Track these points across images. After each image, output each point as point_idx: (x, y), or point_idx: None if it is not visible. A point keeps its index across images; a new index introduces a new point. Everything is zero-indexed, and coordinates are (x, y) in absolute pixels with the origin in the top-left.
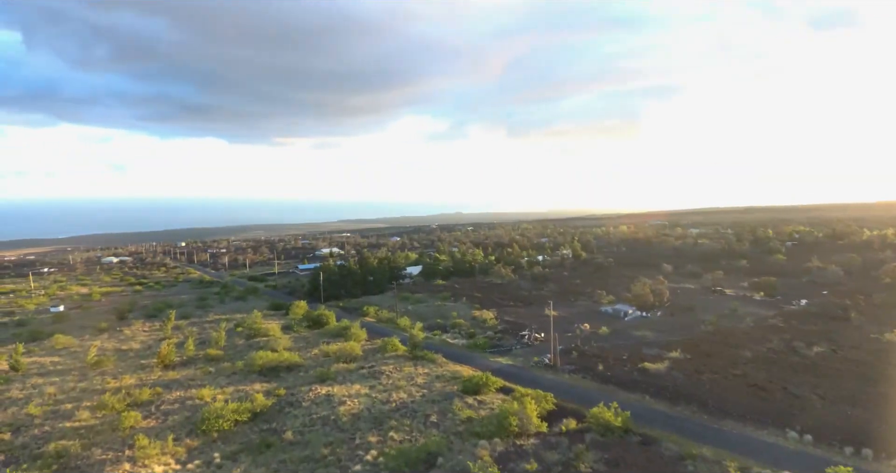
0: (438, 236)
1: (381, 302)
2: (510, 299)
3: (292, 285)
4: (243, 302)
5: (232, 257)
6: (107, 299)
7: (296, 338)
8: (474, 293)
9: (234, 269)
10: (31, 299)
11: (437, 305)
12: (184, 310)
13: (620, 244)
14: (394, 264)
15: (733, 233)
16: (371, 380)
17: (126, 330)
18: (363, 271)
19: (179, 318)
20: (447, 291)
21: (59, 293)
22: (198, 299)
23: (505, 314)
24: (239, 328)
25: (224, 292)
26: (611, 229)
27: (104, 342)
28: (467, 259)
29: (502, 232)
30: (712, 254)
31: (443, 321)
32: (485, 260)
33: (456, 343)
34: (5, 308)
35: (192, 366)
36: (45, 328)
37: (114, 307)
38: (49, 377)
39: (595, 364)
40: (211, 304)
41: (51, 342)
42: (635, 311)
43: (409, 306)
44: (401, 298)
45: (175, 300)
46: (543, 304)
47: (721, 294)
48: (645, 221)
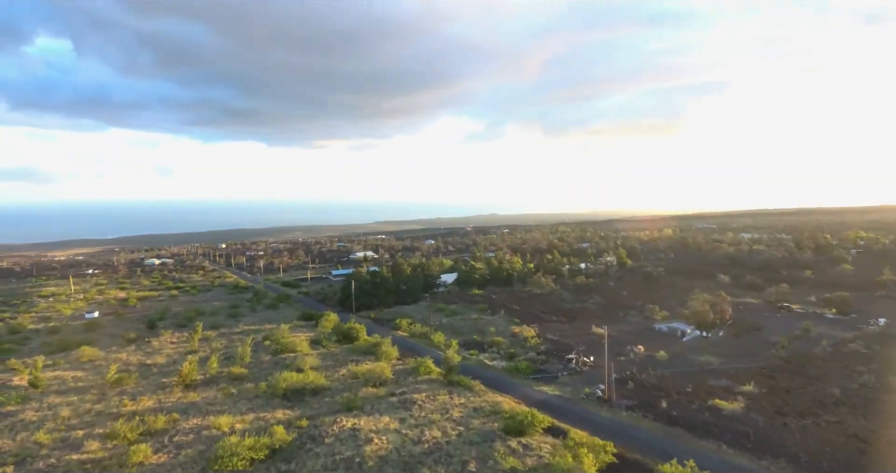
0: (473, 239)
1: (414, 313)
2: (552, 312)
3: (325, 293)
4: (274, 311)
5: (268, 260)
6: (142, 304)
7: (324, 355)
8: (513, 305)
9: (269, 273)
10: (68, 303)
11: (474, 318)
12: (214, 319)
13: (668, 250)
14: (427, 272)
15: (791, 239)
16: (402, 411)
17: (154, 341)
18: (396, 279)
19: (209, 328)
20: (484, 302)
21: (97, 298)
22: (230, 306)
23: (547, 330)
24: (267, 341)
25: (256, 299)
26: (655, 232)
27: (130, 354)
28: (505, 267)
29: (540, 236)
30: (772, 263)
31: (480, 338)
32: (523, 268)
33: (494, 366)
34: (43, 313)
35: (214, 386)
36: (76, 337)
37: (146, 314)
38: (67, 396)
39: (657, 399)
40: (242, 312)
41: (77, 354)
42: (693, 330)
43: (444, 318)
44: (435, 309)
45: (207, 308)
46: (589, 319)
47: (788, 311)
48: (691, 223)
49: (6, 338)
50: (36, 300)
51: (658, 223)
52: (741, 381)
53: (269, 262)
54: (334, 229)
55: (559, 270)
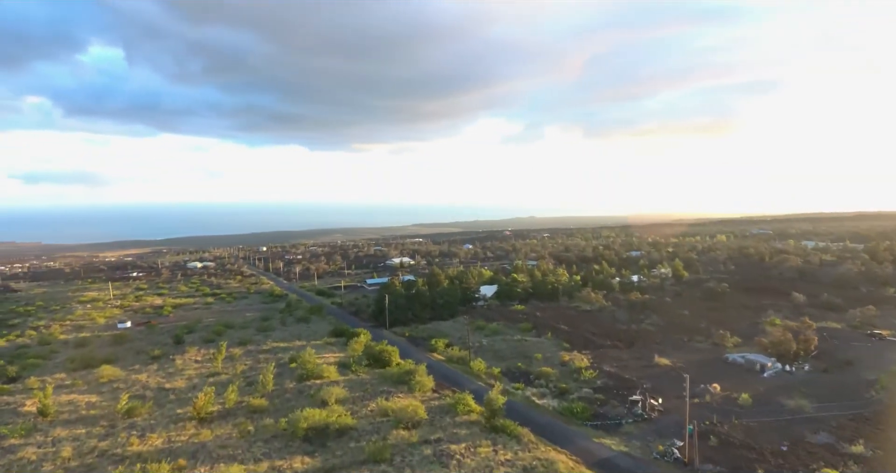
0: (512, 244)
1: (451, 331)
2: (605, 335)
3: (358, 304)
4: (305, 325)
5: (304, 266)
6: (176, 313)
7: (352, 383)
8: (560, 325)
9: (305, 280)
10: (104, 311)
11: (517, 340)
12: (243, 333)
13: (727, 261)
14: (465, 283)
15: (864, 249)
16: (437, 467)
17: (178, 359)
18: (432, 292)
19: (236, 344)
20: (527, 320)
21: (133, 305)
22: (261, 318)
23: (602, 359)
24: (293, 363)
25: (288, 310)
26: (707, 238)
27: (150, 375)
28: (549, 280)
29: (583, 242)
30: (849, 279)
31: (525, 366)
32: (569, 281)
33: (544, 406)
34: (78, 321)
35: (230, 420)
36: (102, 351)
37: (177, 325)
38: (75, 428)
39: (749, 463)
40: (272, 326)
41: (97, 374)
42: (775, 363)
43: (484, 338)
44: (474, 327)
45: (237, 320)
46: (649, 344)
47: (880, 339)
48: (745, 229)
49: (35, 350)
50: (74, 306)
51: (708, 228)
52: (846, 436)
53: (305, 268)
54: (372, 231)
55: (609, 283)
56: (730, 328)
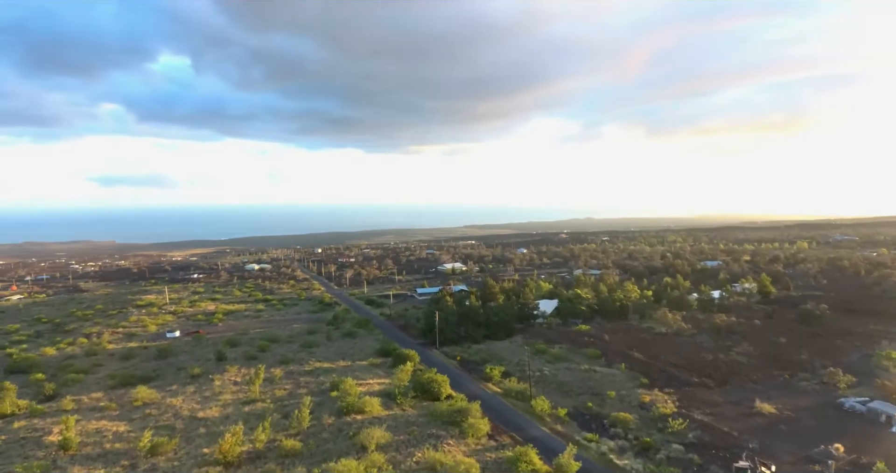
0: (571, 249)
1: (507, 354)
2: (689, 367)
3: (408, 316)
4: (352, 340)
5: (356, 270)
6: (225, 322)
7: (397, 421)
8: (633, 352)
9: (356, 285)
10: (157, 317)
11: (584, 369)
12: (287, 349)
13: (819, 275)
14: (522, 299)
15: None
16: None
17: (217, 380)
18: (486, 308)
19: (278, 363)
20: (594, 344)
21: (186, 310)
22: (307, 331)
23: (690, 401)
24: (334, 391)
25: (335, 323)
26: (787, 244)
27: (186, 399)
28: (618, 297)
29: (648, 248)
30: None
31: (596, 407)
32: (641, 298)
33: (626, 467)
34: (131, 328)
35: (259, 465)
36: (146, 365)
37: (224, 336)
38: (94, 467)
39: None
40: (317, 341)
41: (133, 395)
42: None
43: (545, 366)
44: (533, 350)
45: (283, 333)
46: (743, 381)
47: None
48: (825, 234)
49: (80, 362)
50: (130, 311)
51: (784, 232)
52: None
53: (356, 272)
54: (424, 232)
55: (686, 301)
56: (837, 361)
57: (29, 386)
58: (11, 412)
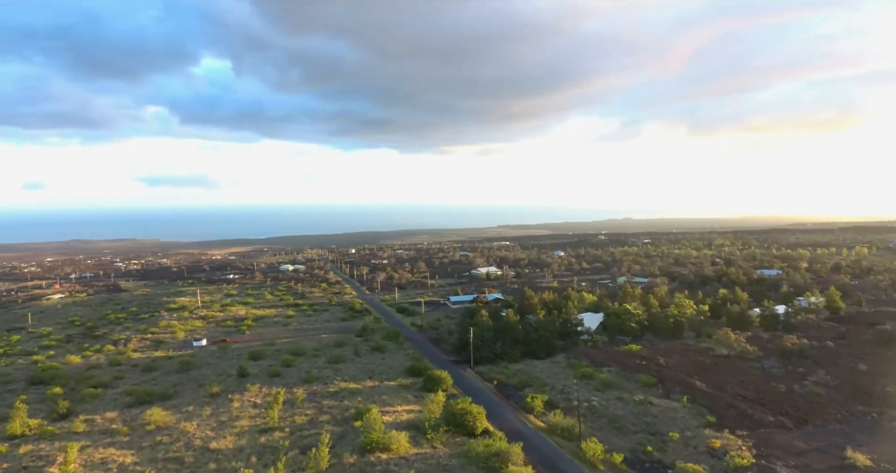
0: (611, 253)
1: (549, 376)
2: (760, 399)
3: (440, 328)
4: (380, 355)
5: (388, 273)
6: (252, 331)
7: (426, 463)
8: (693, 380)
9: (387, 291)
10: (187, 322)
11: (638, 401)
12: (312, 365)
13: (890, 288)
14: (565, 314)
15: None
16: None
17: (236, 400)
18: (524, 324)
19: (301, 382)
20: (647, 368)
21: (217, 315)
22: (335, 344)
23: (770, 448)
24: (358, 421)
25: (364, 335)
26: (844, 250)
27: (201, 423)
28: (671, 313)
29: (694, 252)
30: None
31: (657, 452)
32: (697, 314)
33: None
34: (160, 334)
35: None
36: (167, 379)
37: (249, 347)
38: None
39: None
40: (345, 356)
41: (146, 418)
42: None
43: (593, 394)
44: (579, 374)
45: (310, 344)
46: (825, 420)
47: None
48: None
49: (102, 374)
50: (162, 314)
51: (838, 236)
52: None
53: (388, 276)
54: (457, 232)
55: (747, 317)
56: None
57: (45, 401)
58: (21, 432)
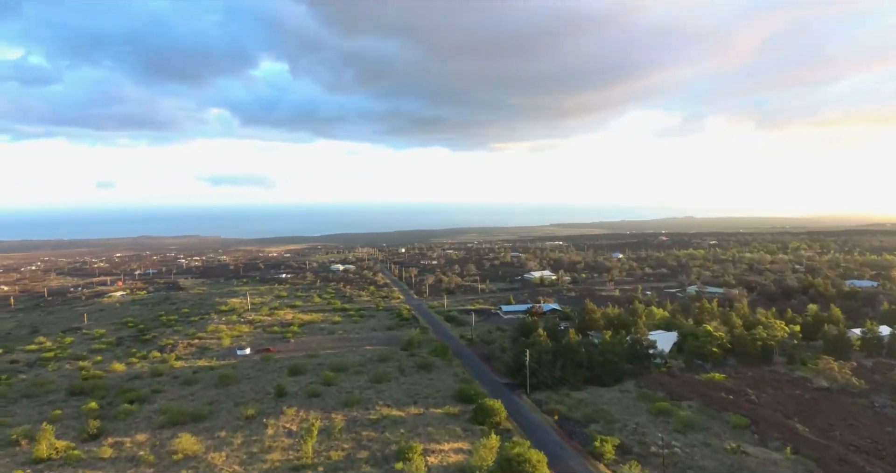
0: (676, 256)
1: (618, 409)
2: (877, 453)
3: (492, 341)
4: (426, 374)
5: (437, 276)
6: (298, 339)
7: None
8: (793, 422)
9: (436, 296)
10: (234, 327)
11: (730, 450)
12: (352, 385)
13: None
14: (634, 333)
15: None
16: None
17: (271, 426)
18: (587, 346)
19: (341, 405)
20: (735, 404)
21: (264, 320)
22: (379, 358)
23: None
24: (399, 464)
25: (410, 348)
26: None
27: (229, 455)
28: (760, 335)
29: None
30: None
31: None
32: (788, 337)
33: None
34: (205, 340)
35: None
36: (205, 395)
37: (291, 357)
38: None
39: None
40: (388, 374)
41: (173, 446)
42: None
43: (674, 438)
44: (654, 410)
45: (353, 359)
46: None
47: None
48: None
49: (142, 386)
50: (212, 317)
51: None
52: None
53: (437, 279)
54: (508, 231)
55: (846, 340)
56: None
57: (80, 417)
58: (48, 455)
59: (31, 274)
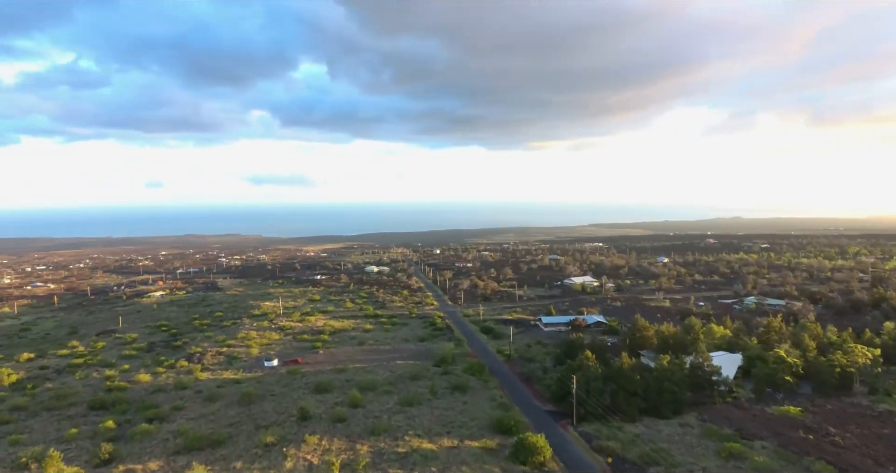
0: (728, 262)
1: (680, 447)
2: None
3: (532, 358)
4: (461, 397)
5: (472, 281)
6: (327, 351)
7: None
8: (888, 472)
9: (471, 303)
10: (264, 334)
11: None
12: (380, 407)
13: None
14: (696, 360)
15: None
16: None
17: (290, 457)
18: (641, 371)
19: (367, 434)
20: (817, 445)
21: (295, 326)
22: (410, 376)
23: None
24: None
25: (443, 366)
26: None
27: None
28: (838, 360)
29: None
30: None
31: None
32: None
33: None
34: (234, 348)
35: None
36: (224, 416)
37: (318, 373)
38: None
39: None
40: (420, 396)
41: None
42: None
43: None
44: (722, 451)
45: (381, 377)
46: None
47: None
48: None
49: (166, 398)
50: (244, 322)
51: None
52: None
53: (472, 283)
54: (545, 231)
55: None
56: None
57: (96, 437)
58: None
59: (78, 272)
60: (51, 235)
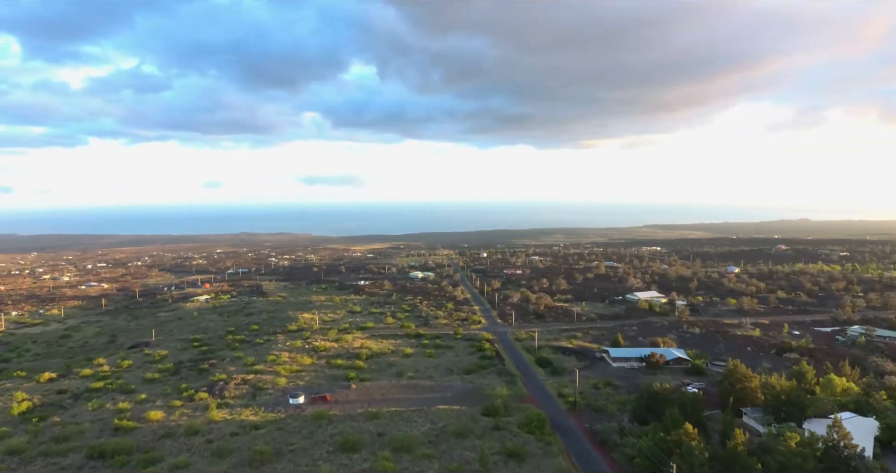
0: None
1: None
2: None
3: (602, 408)
4: (516, 467)
5: (523, 294)
6: (360, 385)
7: None
8: None
9: (522, 321)
10: (296, 358)
11: None
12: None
13: None
14: (832, 435)
15: None
16: None
17: None
18: (760, 455)
19: None
20: None
21: (331, 347)
22: (454, 433)
23: None
24: None
25: (495, 416)
26: None
27: None
28: None
29: None
30: None
31: None
32: None
33: None
34: (261, 376)
35: None
36: None
37: (350, 417)
38: None
39: None
40: (466, 464)
41: None
42: None
43: None
44: None
45: (420, 432)
46: None
47: None
48: None
49: (173, 446)
50: (278, 338)
51: None
52: None
53: (523, 296)
54: (597, 232)
55: None
56: None
57: None
58: None
59: (136, 269)
60: (116, 232)
